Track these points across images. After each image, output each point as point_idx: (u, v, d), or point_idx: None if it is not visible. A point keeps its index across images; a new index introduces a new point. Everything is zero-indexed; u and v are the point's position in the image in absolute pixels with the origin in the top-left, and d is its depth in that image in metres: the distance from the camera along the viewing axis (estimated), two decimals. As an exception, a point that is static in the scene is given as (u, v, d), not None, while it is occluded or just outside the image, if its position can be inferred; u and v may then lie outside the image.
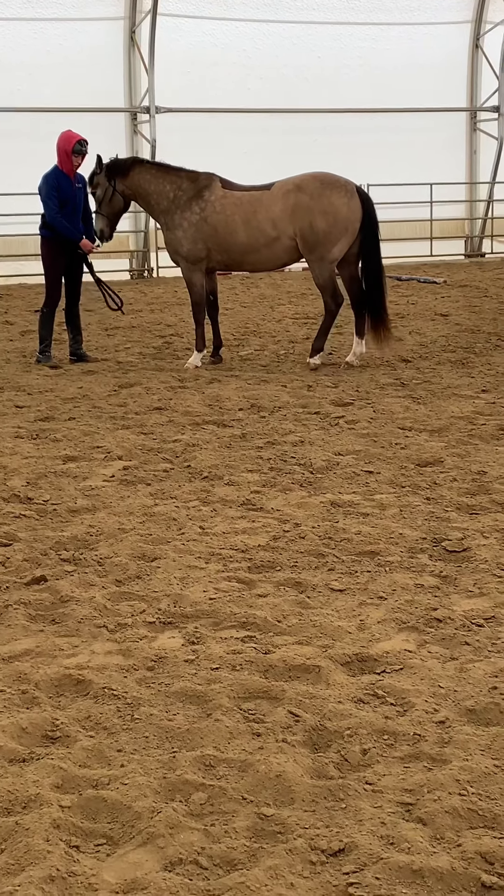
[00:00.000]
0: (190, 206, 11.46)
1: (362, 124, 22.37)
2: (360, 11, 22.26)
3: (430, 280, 19.38)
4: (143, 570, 5.61)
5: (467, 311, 15.52)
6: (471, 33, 23.75)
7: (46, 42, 20.24)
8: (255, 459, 7.78)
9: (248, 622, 4.91)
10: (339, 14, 22.10)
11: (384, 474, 7.33)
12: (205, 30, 21.31)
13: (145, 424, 8.90)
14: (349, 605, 5.13)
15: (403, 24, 22.74)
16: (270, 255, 11.53)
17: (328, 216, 11.21)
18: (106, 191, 11.59)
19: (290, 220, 11.24)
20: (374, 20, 22.44)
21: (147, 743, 3.88)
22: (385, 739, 3.88)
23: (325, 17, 22.00)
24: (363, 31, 22.42)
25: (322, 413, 9.25)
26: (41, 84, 19.95)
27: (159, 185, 11.61)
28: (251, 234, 11.32)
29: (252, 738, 3.89)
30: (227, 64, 21.40)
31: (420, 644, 4.67)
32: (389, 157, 22.39)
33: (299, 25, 21.88)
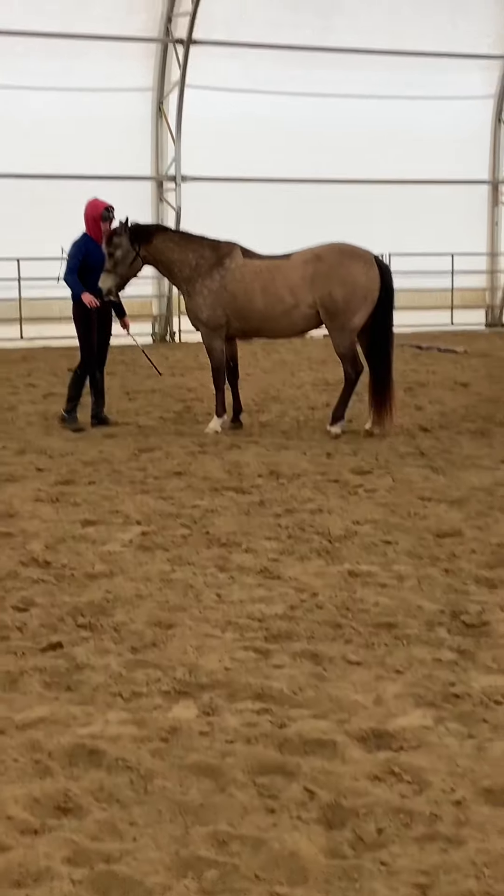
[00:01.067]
0: (211, 273, 11.57)
1: (385, 194, 22.63)
2: (384, 85, 22.59)
3: (451, 349, 19.45)
4: (159, 637, 5.58)
5: (488, 380, 15.54)
6: (494, 108, 24.07)
7: (77, 111, 20.61)
8: (274, 527, 7.77)
9: (263, 694, 4.87)
10: (365, 88, 22.44)
11: (402, 545, 7.31)
12: (231, 101, 21.66)
13: (164, 489, 8.92)
14: (366, 678, 5.09)
15: (428, 98, 23.06)
16: (288, 323, 11.64)
17: (347, 286, 11.32)
18: (127, 253, 11.61)
19: (310, 289, 11.36)
20: (398, 94, 22.77)
21: (160, 817, 3.84)
22: (401, 818, 3.82)
23: (350, 91, 22.34)
24: (388, 103, 22.74)
25: (341, 481, 9.24)
26: (70, 152, 20.28)
27: (182, 253, 11.69)
28: (269, 301, 11.43)
29: (266, 815, 3.85)
30: (253, 134, 21.71)
31: (437, 720, 4.62)
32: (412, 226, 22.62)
33: (325, 98, 22.23)
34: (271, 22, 21.31)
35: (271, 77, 21.73)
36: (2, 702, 4.79)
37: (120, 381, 15.54)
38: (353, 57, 22.11)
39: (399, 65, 22.57)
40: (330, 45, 21.83)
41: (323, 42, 21.81)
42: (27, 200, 19.85)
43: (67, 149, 20.30)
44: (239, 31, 21.20)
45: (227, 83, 21.60)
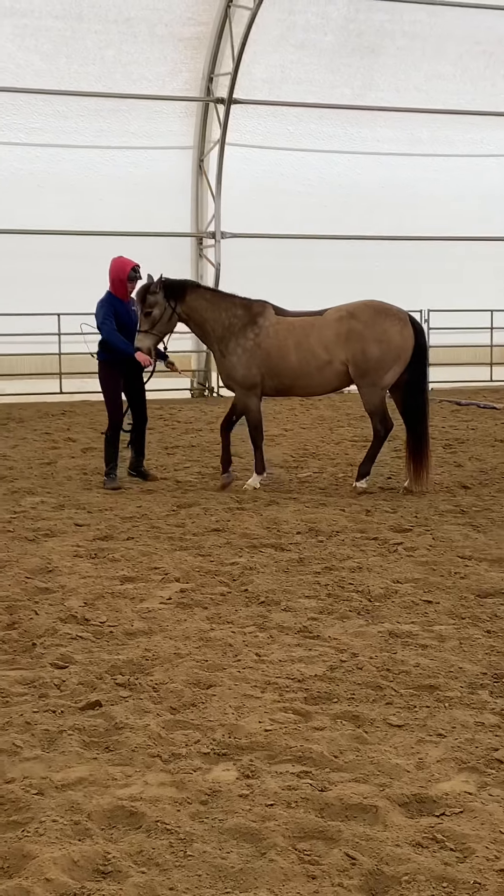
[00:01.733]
0: (244, 332, 11.56)
1: (424, 251, 22.73)
2: (423, 143, 22.80)
3: (490, 406, 19.39)
4: (199, 697, 5.55)
5: (527, 437, 15.46)
6: (533, 163, 24.18)
7: (116, 168, 20.91)
8: (313, 585, 7.74)
9: (303, 756, 4.82)
10: (403, 146, 22.65)
11: (443, 604, 7.25)
12: (271, 159, 21.90)
13: (203, 546, 8.91)
14: (407, 741, 5.03)
15: (466, 156, 23.22)
16: (321, 380, 11.61)
17: (381, 343, 11.33)
18: (164, 311, 11.55)
19: (343, 346, 11.37)
20: (437, 151, 22.95)
21: (199, 882, 3.80)
22: (444, 887, 3.76)
23: (390, 149, 22.55)
24: (426, 161, 22.91)
25: (380, 539, 9.20)
26: (110, 208, 20.55)
27: (215, 312, 11.67)
28: (303, 357, 11.44)
29: (307, 881, 3.79)
30: (293, 192, 21.92)
31: (480, 786, 4.55)
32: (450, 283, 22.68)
33: (363, 156, 22.44)
34: (311, 81, 21.58)
35: (311, 135, 21.98)
36: (41, 761, 4.77)
37: (158, 436, 15.60)
38: (393, 115, 22.33)
39: (438, 122, 22.76)
40: (369, 103, 22.06)
41: (362, 101, 22.05)
42: (69, 256, 20.08)
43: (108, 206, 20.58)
44: (279, 90, 21.48)
45: (267, 141, 21.85)
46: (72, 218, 20.28)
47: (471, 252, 23.16)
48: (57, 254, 20.15)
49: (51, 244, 20.28)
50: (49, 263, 20.04)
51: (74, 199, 20.43)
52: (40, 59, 19.82)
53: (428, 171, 22.92)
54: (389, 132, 22.42)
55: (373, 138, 22.36)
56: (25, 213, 20.14)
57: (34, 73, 19.82)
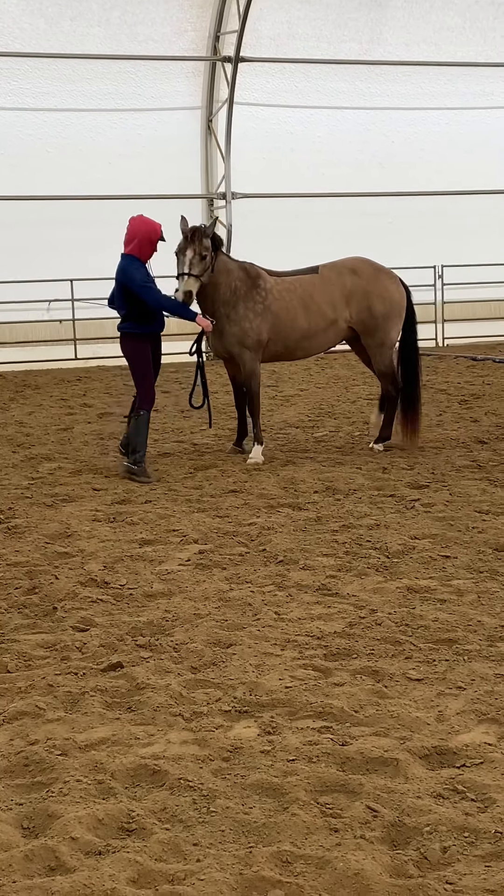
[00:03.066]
0: (252, 295, 11.04)
1: (436, 206, 22.54)
2: (433, 97, 22.55)
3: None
4: (219, 656, 5.59)
5: (544, 391, 15.41)
6: (545, 116, 23.92)
7: (125, 131, 20.78)
8: (331, 543, 7.76)
9: (324, 712, 4.86)
10: (413, 100, 22.42)
11: (461, 559, 7.26)
12: (280, 117, 21.72)
13: (221, 507, 8.93)
14: (427, 695, 5.05)
15: (477, 109, 22.98)
16: (324, 341, 11.40)
17: (385, 300, 11.25)
18: (210, 259, 10.72)
19: (349, 304, 11.23)
20: (447, 105, 22.71)
21: (223, 837, 3.84)
22: (466, 837, 3.79)
23: (399, 104, 22.33)
24: (437, 115, 22.69)
25: (398, 496, 9.20)
26: (120, 172, 20.44)
27: (225, 273, 10.99)
28: (312, 318, 11.18)
29: (330, 834, 3.83)
30: (303, 150, 21.75)
31: (500, 737, 4.58)
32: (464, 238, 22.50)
33: (373, 112, 22.23)
34: (318, 36, 21.36)
35: (319, 92, 21.78)
36: (64, 723, 4.82)
37: (174, 399, 15.60)
38: (402, 69, 22.10)
39: (448, 75, 22.52)
40: (377, 58, 21.84)
41: (370, 55, 21.83)
42: (79, 221, 20.02)
43: (117, 169, 20.47)
44: (286, 46, 21.27)
45: (275, 99, 21.67)
46: (81, 182, 20.19)
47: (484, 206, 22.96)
48: (67, 219, 20.08)
49: (60, 210, 20.21)
50: (59, 229, 19.98)
51: (83, 163, 20.32)
52: (45, 22, 19.67)
53: (439, 125, 22.69)
54: (398, 87, 22.19)
55: (382, 93, 22.14)
56: (35, 179, 20.05)
57: (39, 38, 19.68)
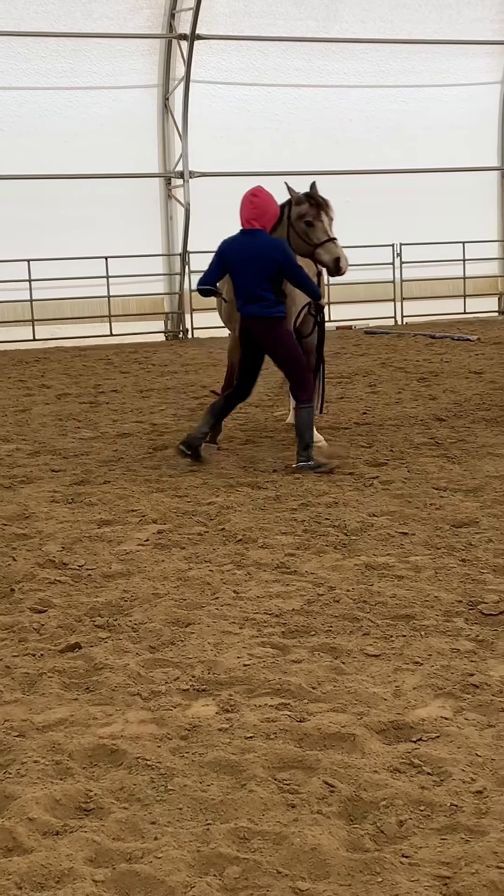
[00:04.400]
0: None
1: (394, 185, 22.58)
2: (390, 74, 22.57)
3: (464, 338, 19.40)
4: (178, 636, 5.59)
5: (501, 368, 15.50)
6: (501, 93, 23.98)
7: (81, 110, 20.65)
8: (290, 521, 7.77)
9: (282, 689, 4.87)
10: (370, 78, 22.41)
11: (419, 535, 7.30)
12: (237, 95, 21.66)
13: (180, 487, 8.92)
14: (384, 670, 5.08)
15: (434, 86, 23.01)
16: None
17: None
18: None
19: None
20: (404, 83, 22.73)
21: (181, 815, 3.85)
22: (422, 810, 3.82)
23: (356, 81, 22.32)
24: (394, 93, 22.72)
25: (356, 473, 9.23)
26: (76, 150, 20.32)
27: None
28: None
29: (287, 810, 3.85)
30: (260, 128, 21.72)
31: (457, 711, 4.61)
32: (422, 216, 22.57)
33: (330, 89, 22.20)
34: (274, 14, 21.30)
35: (276, 69, 21.74)
36: (21, 704, 4.81)
37: (133, 380, 15.57)
38: (358, 47, 22.08)
39: (404, 53, 22.52)
40: (334, 35, 21.79)
41: (327, 33, 21.77)
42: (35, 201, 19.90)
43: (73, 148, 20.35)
44: (242, 24, 21.18)
45: (232, 77, 21.60)
46: (36, 162, 20.04)
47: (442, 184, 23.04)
48: (22, 199, 19.95)
49: (16, 189, 20.05)
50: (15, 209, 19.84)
51: (39, 142, 20.18)
52: (-2, -1, 19.49)
53: (396, 102, 22.73)
54: (355, 64, 22.19)
55: (339, 71, 22.12)
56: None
57: (-8, 15, 19.50)
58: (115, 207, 20.64)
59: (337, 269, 9.71)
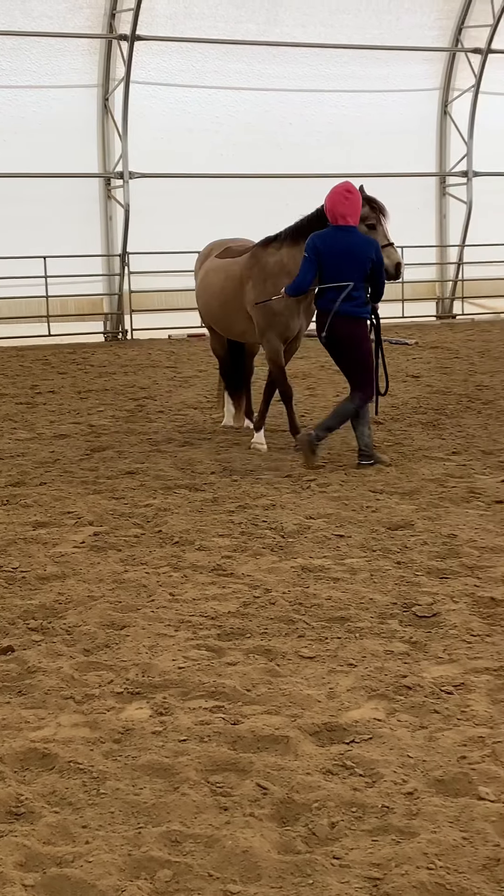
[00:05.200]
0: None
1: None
2: (330, 79, 22.64)
3: (402, 341, 19.53)
4: (112, 638, 5.57)
5: (438, 372, 15.63)
6: (439, 100, 24.19)
7: (21, 109, 20.48)
8: (227, 524, 7.77)
9: (216, 692, 4.87)
10: (310, 82, 22.47)
11: (355, 538, 7.33)
12: (178, 97, 21.61)
13: (117, 489, 8.88)
14: (319, 672, 5.10)
15: (373, 91, 23.13)
16: None
17: None
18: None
19: None
20: (344, 87, 22.82)
21: (112, 819, 3.83)
22: (353, 812, 3.84)
23: (296, 86, 22.36)
24: (334, 98, 22.78)
25: (294, 476, 9.25)
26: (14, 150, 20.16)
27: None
28: None
29: (219, 813, 3.85)
30: (201, 130, 21.68)
31: (389, 712, 4.65)
32: (361, 220, 22.65)
33: (270, 93, 22.23)
34: (215, 17, 21.29)
35: (217, 72, 21.72)
36: (-47, 708, 4.76)
37: (71, 381, 15.49)
38: (299, 51, 22.13)
39: (344, 58, 22.61)
40: (274, 39, 21.83)
41: (267, 36, 21.81)
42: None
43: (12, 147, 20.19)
44: (183, 26, 21.16)
45: (173, 79, 21.56)
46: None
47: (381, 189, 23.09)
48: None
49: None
50: None
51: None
52: None
53: (336, 107, 22.79)
54: (295, 68, 22.23)
55: (279, 74, 22.16)
56: None
57: None
58: (54, 207, 20.49)
59: (397, 273, 9.93)
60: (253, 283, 10.48)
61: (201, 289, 11.27)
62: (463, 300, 24.82)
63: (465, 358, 17.18)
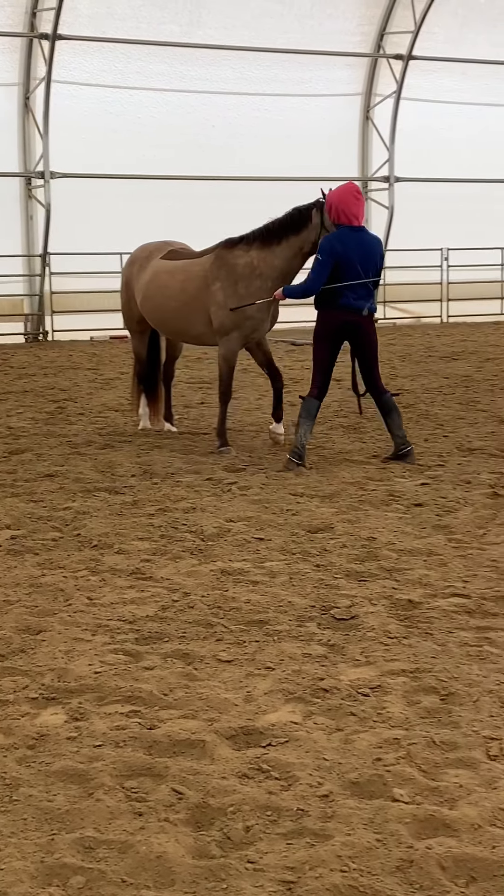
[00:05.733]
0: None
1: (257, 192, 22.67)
2: (253, 82, 22.70)
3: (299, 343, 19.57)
4: (28, 643, 5.50)
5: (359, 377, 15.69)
6: (361, 105, 24.37)
7: None
8: (147, 527, 7.74)
9: (133, 696, 4.84)
10: (233, 85, 22.51)
11: (275, 541, 7.34)
12: (100, 97, 21.51)
13: (35, 492, 8.79)
14: (236, 676, 5.09)
15: (296, 96, 23.23)
16: None
17: None
18: None
19: None
20: (267, 91, 22.89)
21: (25, 825, 3.78)
22: (268, 815, 3.84)
23: (219, 88, 22.39)
24: (257, 101, 22.85)
25: (215, 479, 9.24)
26: None
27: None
28: None
29: (134, 818, 3.82)
30: (123, 131, 21.60)
31: (306, 715, 4.65)
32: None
33: (193, 95, 22.22)
34: (138, 17, 21.22)
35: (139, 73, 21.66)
36: None
37: (-9, 383, 15.31)
38: (222, 53, 22.14)
39: (267, 62, 22.67)
40: (196, 41, 21.81)
41: (190, 38, 21.78)
42: None
43: None
44: (105, 26, 21.05)
45: (95, 79, 21.45)
46: None
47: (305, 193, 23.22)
48: None
49: None
50: None
51: None
52: None
53: (258, 110, 22.85)
54: (218, 70, 22.26)
55: (202, 77, 22.16)
56: None
57: None
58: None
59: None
60: (221, 285, 10.42)
61: (153, 290, 10.96)
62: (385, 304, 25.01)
63: (385, 362, 17.25)
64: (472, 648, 5.37)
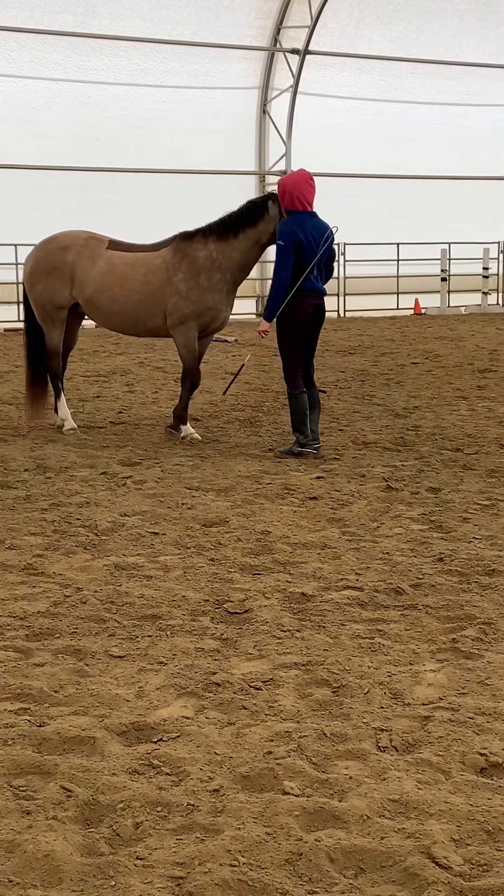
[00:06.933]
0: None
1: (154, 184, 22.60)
2: (149, 74, 22.56)
3: (222, 339, 19.59)
4: None
5: (256, 369, 15.74)
6: (259, 99, 24.40)
7: None
8: (39, 522, 7.64)
9: (23, 693, 4.77)
10: (129, 76, 22.34)
11: (169, 535, 7.32)
12: (-8, 87, 21.18)
13: None
14: (128, 671, 5.06)
15: (194, 88, 23.16)
16: None
17: None
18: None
19: None
20: (163, 83, 22.77)
21: None
22: (158, 811, 3.82)
23: (115, 79, 22.20)
24: (154, 93, 22.70)
25: (109, 473, 9.18)
26: None
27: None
28: None
29: (21, 817, 3.77)
30: (16, 120, 21.29)
31: (198, 710, 4.64)
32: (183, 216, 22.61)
33: (88, 85, 22.00)
34: (32, 6, 20.92)
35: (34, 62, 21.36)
36: None
37: None
38: (117, 44, 21.96)
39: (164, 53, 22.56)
40: (92, 31, 21.60)
41: (85, 28, 21.56)
42: None
43: None
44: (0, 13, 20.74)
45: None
46: None
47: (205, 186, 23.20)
48: None
49: None
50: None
51: None
52: None
53: (155, 101, 22.72)
54: (114, 61, 22.06)
55: (97, 67, 21.94)
56: None
57: None
58: None
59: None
60: (184, 276, 10.56)
61: (110, 282, 10.73)
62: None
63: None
64: (364, 640, 5.42)
